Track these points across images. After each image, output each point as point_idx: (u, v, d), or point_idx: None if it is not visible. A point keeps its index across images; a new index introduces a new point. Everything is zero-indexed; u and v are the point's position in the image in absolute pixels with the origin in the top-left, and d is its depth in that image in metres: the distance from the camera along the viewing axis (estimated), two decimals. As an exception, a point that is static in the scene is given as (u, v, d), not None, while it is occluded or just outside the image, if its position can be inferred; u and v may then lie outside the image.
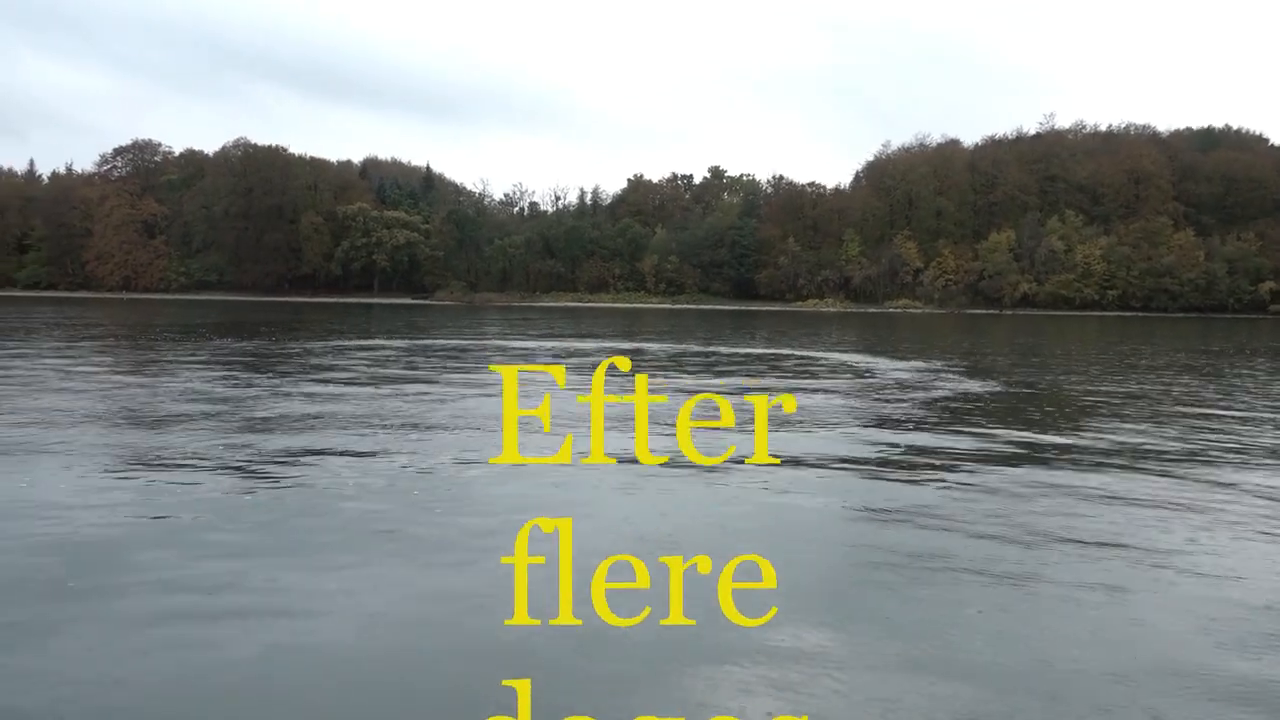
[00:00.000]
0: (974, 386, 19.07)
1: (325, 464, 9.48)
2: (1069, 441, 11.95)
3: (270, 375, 18.63)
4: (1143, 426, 13.19)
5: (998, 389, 19.01)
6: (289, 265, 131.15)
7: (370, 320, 56.38)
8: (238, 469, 9.14)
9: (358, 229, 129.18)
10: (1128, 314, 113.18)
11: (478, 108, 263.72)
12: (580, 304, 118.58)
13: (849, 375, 21.73)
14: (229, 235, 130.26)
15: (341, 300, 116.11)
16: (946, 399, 16.47)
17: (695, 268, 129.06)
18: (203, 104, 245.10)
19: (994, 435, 12.44)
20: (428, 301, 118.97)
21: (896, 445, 11.37)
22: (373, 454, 10.03)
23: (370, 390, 16.17)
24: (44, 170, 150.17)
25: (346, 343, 30.67)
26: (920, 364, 25.66)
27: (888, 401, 16.17)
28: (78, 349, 25.75)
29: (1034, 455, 10.86)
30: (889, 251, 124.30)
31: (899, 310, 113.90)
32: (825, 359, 27.41)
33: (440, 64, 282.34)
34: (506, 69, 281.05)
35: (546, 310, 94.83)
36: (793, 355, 28.83)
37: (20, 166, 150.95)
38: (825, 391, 17.68)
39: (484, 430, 11.80)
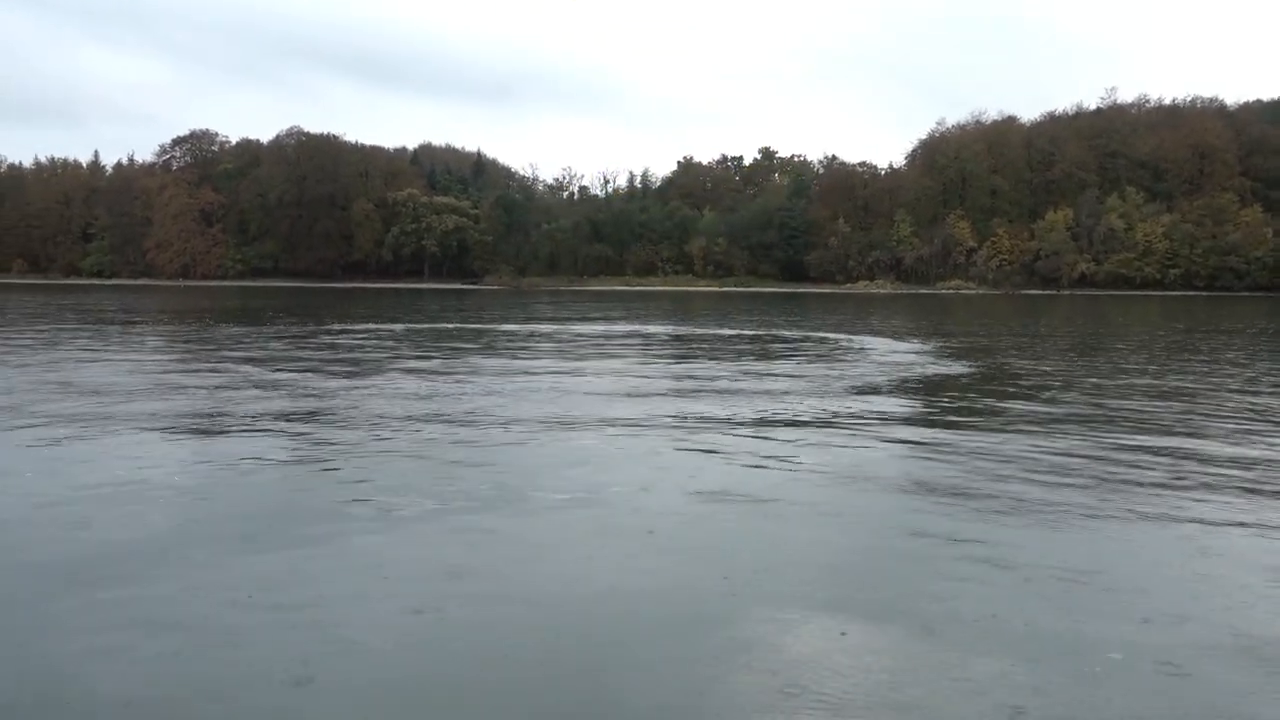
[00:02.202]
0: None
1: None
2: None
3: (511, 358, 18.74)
4: None
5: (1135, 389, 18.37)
6: (341, 252, 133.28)
7: (463, 304, 56.77)
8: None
9: (407, 215, 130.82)
10: (1191, 293, 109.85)
11: (529, 92, 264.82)
12: (628, 287, 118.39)
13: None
14: (283, 223, 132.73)
15: (392, 286, 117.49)
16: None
17: (744, 249, 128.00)
18: (259, 93, 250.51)
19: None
20: (476, 286, 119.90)
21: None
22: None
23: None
24: (108, 161, 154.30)
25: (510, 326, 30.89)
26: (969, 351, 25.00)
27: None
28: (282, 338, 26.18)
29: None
30: (941, 231, 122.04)
31: (951, 291, 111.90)
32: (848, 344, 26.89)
33: (492, 49, 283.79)
34: (557, 52, 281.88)
35: (596, 294, 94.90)
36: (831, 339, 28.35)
37: (85, 158, 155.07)
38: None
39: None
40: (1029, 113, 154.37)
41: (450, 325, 33.44)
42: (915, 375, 16.83)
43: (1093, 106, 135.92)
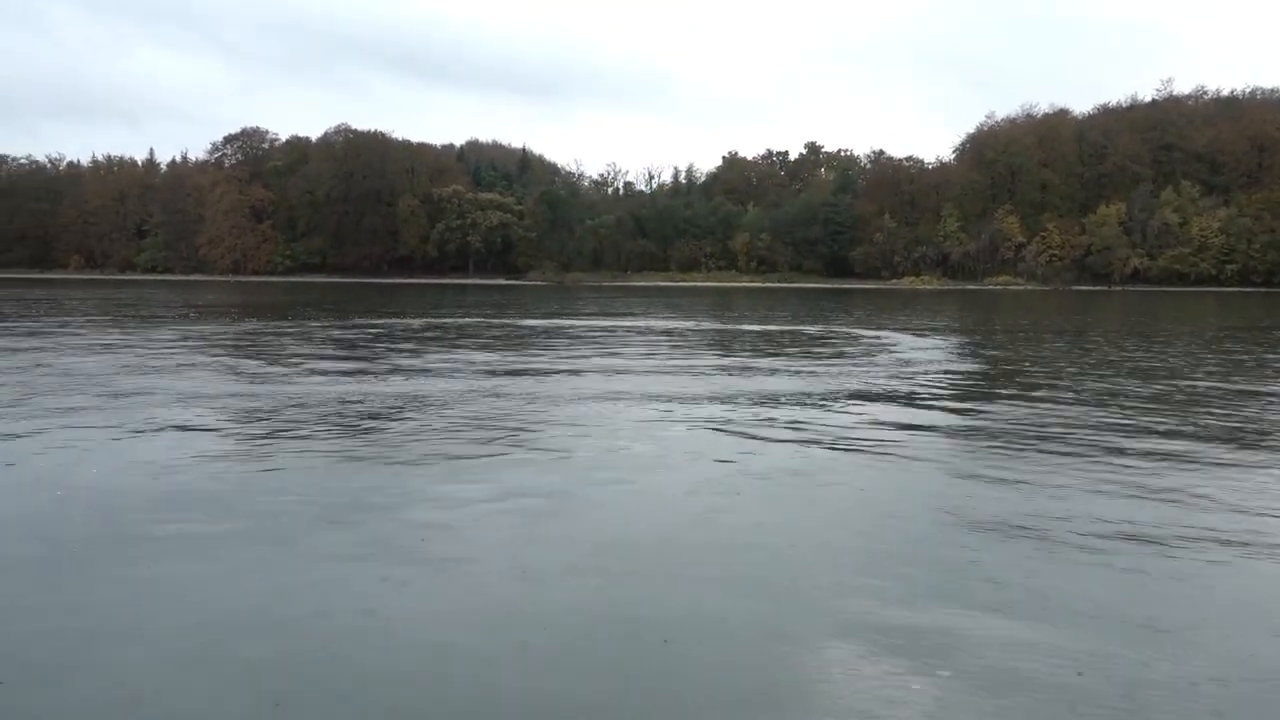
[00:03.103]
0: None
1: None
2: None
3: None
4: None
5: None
6: (387, 247, 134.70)
7: (507, 300, 57.10)
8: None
9: (452, 211, 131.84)
10: (1248, 289, 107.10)
11: (576, 88, 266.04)
12: (671, 283, 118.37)
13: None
14: (330, 219, 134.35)
15: (437, 281, 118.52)
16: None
17: (788, 245, 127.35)
18: (309, 91, 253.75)
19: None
20: (520, 282, 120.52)
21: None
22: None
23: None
24: (163, 159, 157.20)
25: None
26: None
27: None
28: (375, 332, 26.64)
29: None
30: (989, 226, 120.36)
31: (999, 287, 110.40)
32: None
33: (540, 45, 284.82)
34: (604, 47, 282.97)
35: (641, 290, 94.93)
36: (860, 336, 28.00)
37: (141, 155, 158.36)
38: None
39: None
40: (1082, 105, 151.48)
41: (469, 320, 33.41)
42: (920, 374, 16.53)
43: (1148, 98, 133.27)
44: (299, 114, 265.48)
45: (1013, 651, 4.30)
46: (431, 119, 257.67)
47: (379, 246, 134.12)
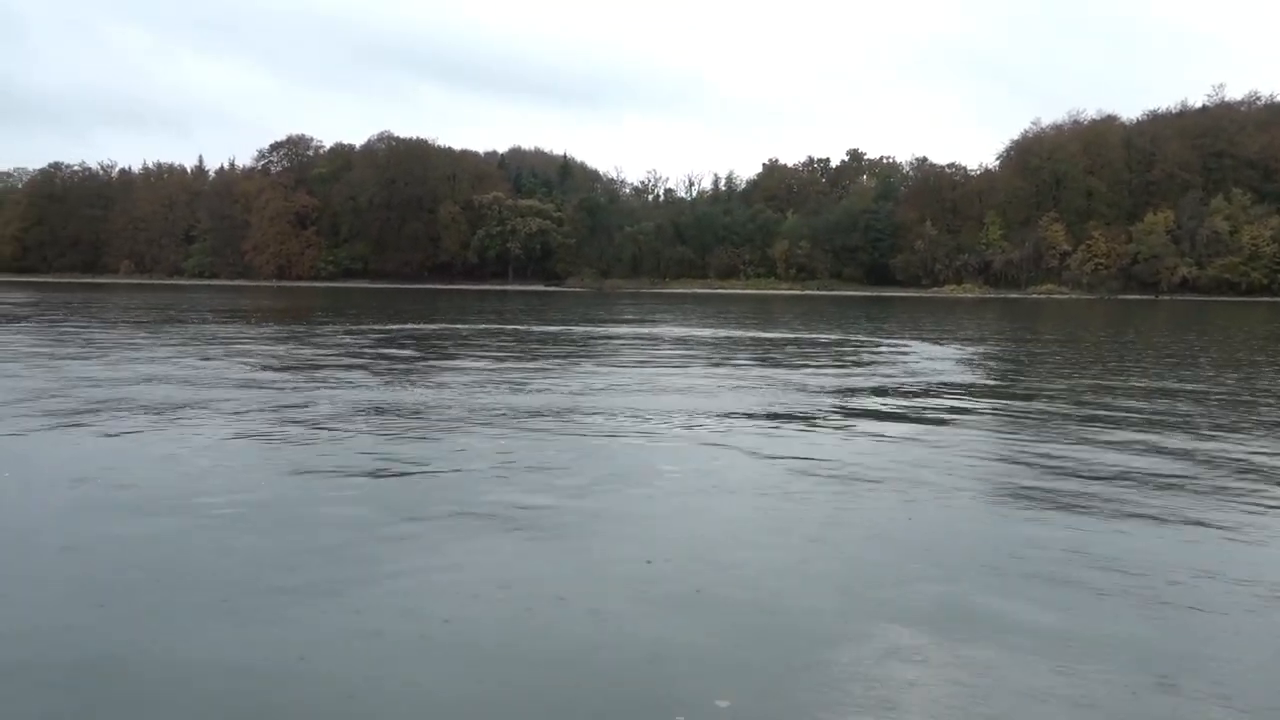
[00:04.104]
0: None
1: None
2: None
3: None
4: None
5: None
6: (428, 254, 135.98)
7: (547, 306, 57.47)
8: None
9: (492, 217, 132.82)
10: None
11: (618, 95, 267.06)
12: (710, 290, 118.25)
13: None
14: (373, 225, 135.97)
15: (476, 287, 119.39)
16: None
17: (827, 252, 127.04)
18: (354, 99, 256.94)
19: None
20: (559, 289, 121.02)
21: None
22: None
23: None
24: (211, 166, 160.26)
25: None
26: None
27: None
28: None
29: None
30: (1033, 234, 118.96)
31: (1043, 296, 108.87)
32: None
33: (584, 54, 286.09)
34: (646, 54, 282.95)
35: (677, 297, 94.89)
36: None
37: (190, 163, 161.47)
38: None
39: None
40: (1130, 112, 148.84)
41: (481, 325, 33.51)
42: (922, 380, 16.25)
43: (1198, 104, 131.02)
44: (344, 122, 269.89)
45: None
46: (475, 127, 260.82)
47: (420, 253, 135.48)
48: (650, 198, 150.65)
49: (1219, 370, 19.37)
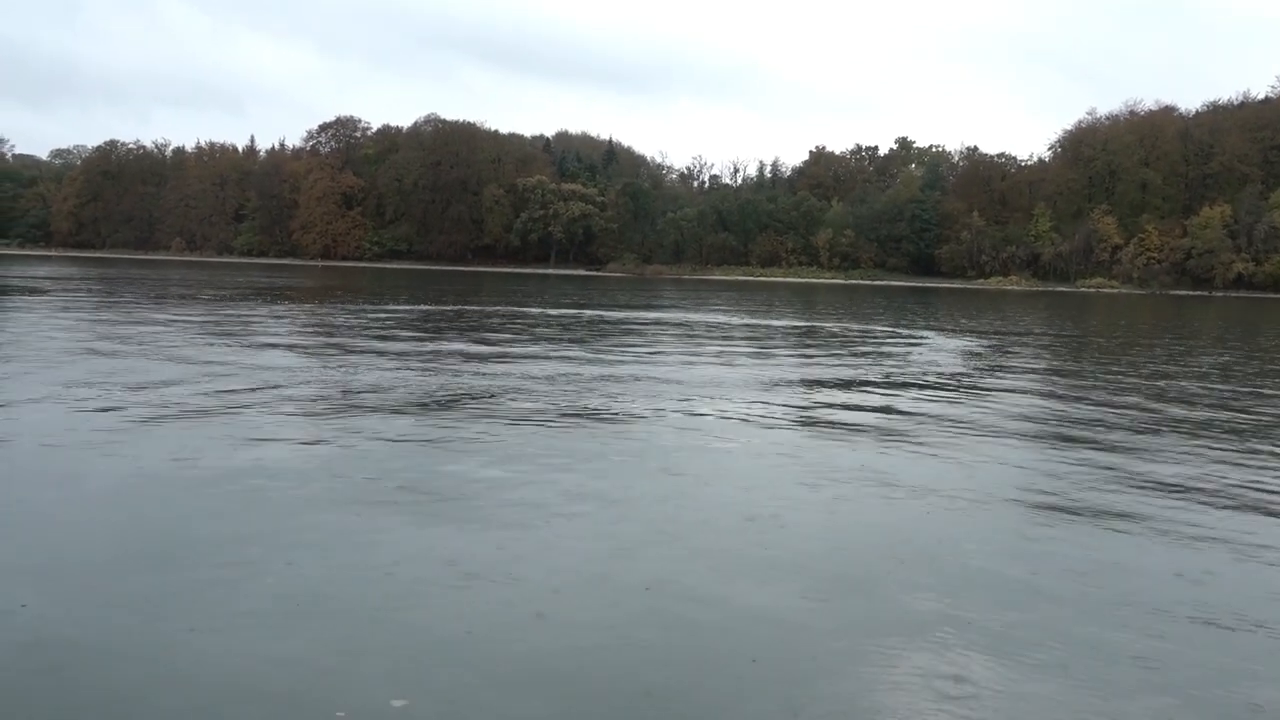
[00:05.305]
0: None
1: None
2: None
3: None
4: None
5: None
6: (471, 236, 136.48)
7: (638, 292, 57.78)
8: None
9: (535, 201, 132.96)
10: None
11: (666, 79, 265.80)
12: (751, 278, 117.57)
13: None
14: (418, 207, 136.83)
15: (518, 270, 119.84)
16: None
17: (871, 242, 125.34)
18: (402, 81, 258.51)
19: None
20: (599, 273, 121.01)
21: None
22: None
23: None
24: (262, 145, 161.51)
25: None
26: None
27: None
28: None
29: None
30: (1084, 227, 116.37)
31: (1092, 290, 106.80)
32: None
33: (630, 36, 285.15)
34: (695, 39, 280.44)
35: (717, 284, 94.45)
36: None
37: (242, 142, 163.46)
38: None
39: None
40: (1189, 103, 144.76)
41: (485, 308, 33.68)
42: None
43: (1261, 96, 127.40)
44: (392, 104, 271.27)
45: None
46: (522, 111, 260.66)
47: (463, 235, 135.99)
48: (695, 184, 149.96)
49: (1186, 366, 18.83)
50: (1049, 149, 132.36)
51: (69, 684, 3.76)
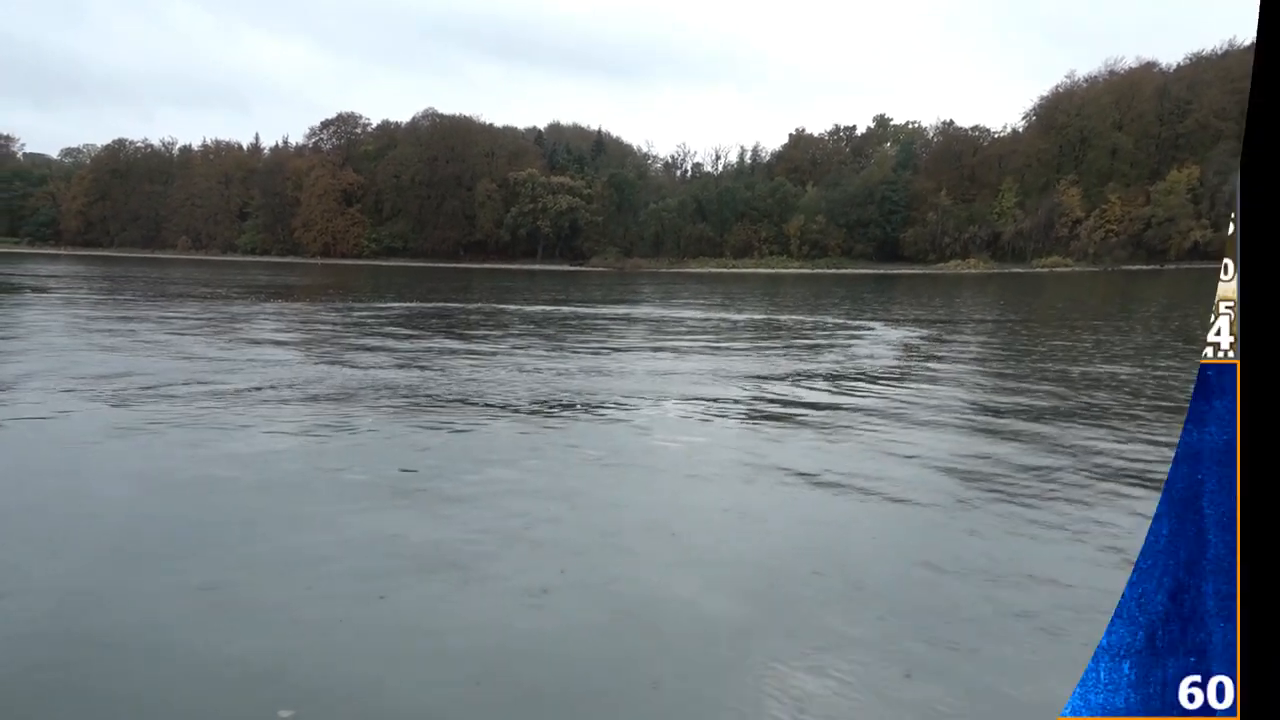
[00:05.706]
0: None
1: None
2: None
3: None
4: None
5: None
6: (464, 231, 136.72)
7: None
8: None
9: (525, 195, 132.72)
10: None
11: (656, 69, 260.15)
12: (724, 270, 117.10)
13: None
14: (414, 203, 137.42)
15: (503, 267, 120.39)
16: None
17: (841, 228, 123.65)
18: (403, 76, 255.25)
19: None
20: (582, 268, 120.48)
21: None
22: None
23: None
24: (267, 143, 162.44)
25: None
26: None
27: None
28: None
29: None
30: (1048, 201, 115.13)
31: (1046, 270, 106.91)
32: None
33: (619, 21, 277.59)
34: (685, 23, 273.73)
35: (692, 278, 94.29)
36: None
37: (247, 140, 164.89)
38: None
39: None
40: (1172, 56, 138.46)
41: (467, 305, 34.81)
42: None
43: (1246, 42, 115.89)
44: (393, 98, 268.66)
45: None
46: (520, 102, 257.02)
47: (456, 230, 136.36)
48: (678, 173, 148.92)
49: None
50: (1023, 118, 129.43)
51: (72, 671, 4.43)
